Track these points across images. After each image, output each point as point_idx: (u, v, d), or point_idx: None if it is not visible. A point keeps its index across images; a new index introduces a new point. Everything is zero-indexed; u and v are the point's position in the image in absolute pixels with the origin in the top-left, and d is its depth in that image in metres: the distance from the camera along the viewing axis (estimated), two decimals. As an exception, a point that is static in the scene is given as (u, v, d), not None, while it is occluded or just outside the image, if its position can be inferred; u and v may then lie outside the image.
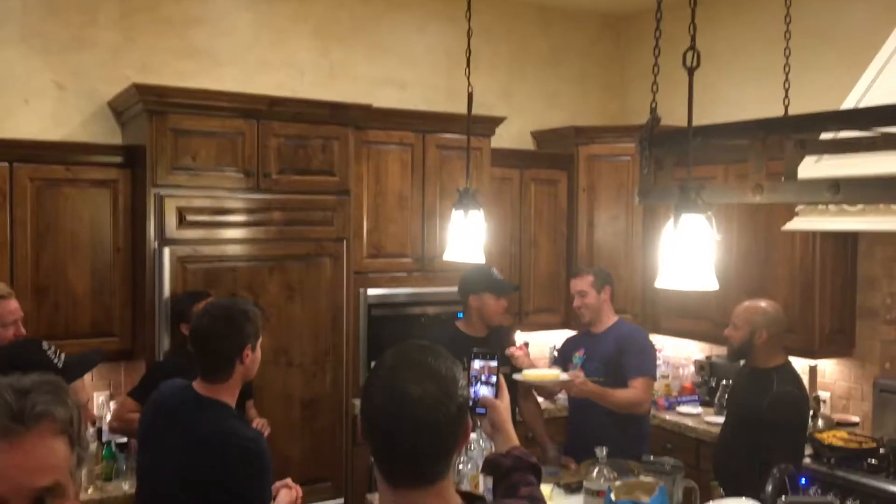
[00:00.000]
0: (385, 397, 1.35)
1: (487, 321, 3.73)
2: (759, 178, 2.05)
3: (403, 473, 1.38)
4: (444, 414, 1.34)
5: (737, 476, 3.14)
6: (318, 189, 4.08)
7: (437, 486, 1.39)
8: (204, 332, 2.46)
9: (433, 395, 1.34)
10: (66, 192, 3.75)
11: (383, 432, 1.36)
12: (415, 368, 1.37)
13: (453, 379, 1.38)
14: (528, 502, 1.59)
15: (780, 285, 4.22)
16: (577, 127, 5.16)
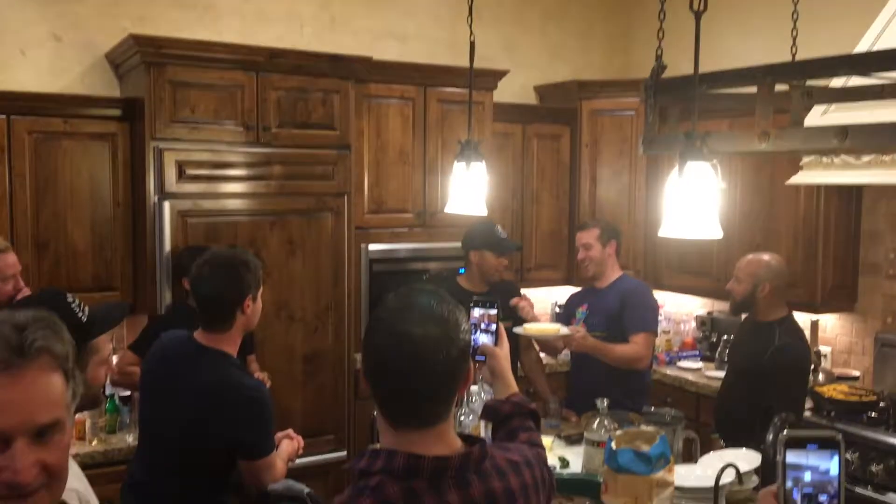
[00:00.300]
0: (387, 338, 1.35)
1: (486, 278, 3.74)
2: (765, 125, 2.02)
3: (404, 414, 1.38)
4: (446, 356, 1.34)
5: (738, 428, 3.15)
6: (318, 143, 4.04)
7: (437, 427, 1.39)
8: (204, 282, 2.45)
9: (435, 336, 1.34)
10: (64, 146, 3.72)
11: (384, 373, 1.37)
12: (417, 310, 1.37)
13: (456, 322, 1.38)
14: (527, 447, 1.59)
15: (783, 241, 4.21)
16: (580, 81, 5.10)
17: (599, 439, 2.80)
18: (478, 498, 1.37)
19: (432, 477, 1.34)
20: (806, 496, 0.87)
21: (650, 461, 2.25)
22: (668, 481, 2.28)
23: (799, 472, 0.88)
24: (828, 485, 0.87)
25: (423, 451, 1.35)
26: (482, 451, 1.42)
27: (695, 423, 3.91)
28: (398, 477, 1.33)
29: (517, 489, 1.44)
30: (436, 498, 1.33)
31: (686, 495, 2.44)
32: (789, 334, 3.23)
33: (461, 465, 1.37)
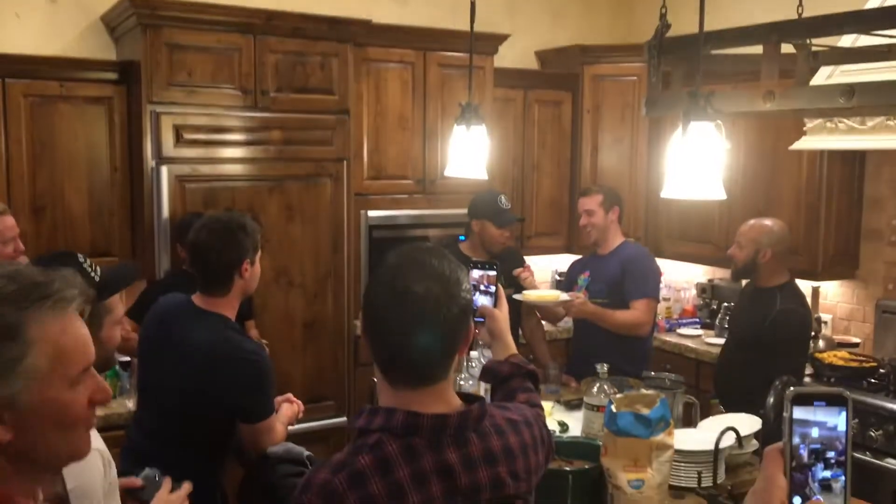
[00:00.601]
0: (387, 295, 1.34)
1: (487, 248, 3.72)
2: (770, 85, 1.99)
3: (403, 372, 1.37)
4: (447, 314, 1.33)
5: (738, 394, 3.16)
6: (317, 108, 4.00)
7: (437, 386, 1.38)
8: (202, 245, 2.43)
9: (436, 294, 1.33)
10: (60, 110, 3.68)
11: (384, 330, 1.35)
12: (418, 268, 1.35)
13: (457, 281, 1.37)
14: (527, 407, 1.58)
15: (785, 207, 4.18)
16: (582, 46, 5.03)
17: (599, 403, 2.80)
18: (476, 456, 1.37)
19: (431, 435, 1.33)
20: (813, 452, 0.86)
21: (650, 424, 2.24)
22: (668, 444, 2.28)
23: (806, 428, 0.86)
24: (835, 441, 0.86)
25: (421, 410, 1.35)
26: (481, 409, 1.41)
27: (694, 390, 3.91)
28: (397, 434, 1.32)
29: (516, 448, 1.43)
30: (434, 455, 1.33)
31: (685, 458, 2.44)
32: (791, 300, 3.21)
33: (460, 423, 1.36)
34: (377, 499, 1.27)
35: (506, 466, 1.40)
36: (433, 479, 1.31)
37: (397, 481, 1.29)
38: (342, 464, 1.30)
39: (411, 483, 1.29)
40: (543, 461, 1.54)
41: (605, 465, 2.29)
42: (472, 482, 1.35)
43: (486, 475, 1.37)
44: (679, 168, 2.00)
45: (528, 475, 1.46)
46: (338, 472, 1.29)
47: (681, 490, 2.42)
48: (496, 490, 1.38)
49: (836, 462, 0.86)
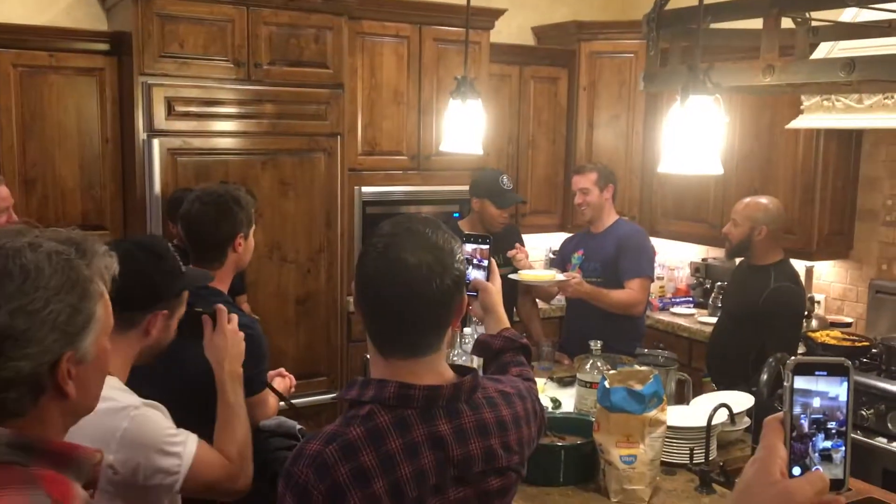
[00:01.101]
0: (380, 264, 1.32)
1: (486, 226, 3.71)
2: (770, 58, 1.96)
3: (395, 343, 1.36)
4: (439, 284, 1.32)
5: (731, 372, 3.17)
6: (310, 82, 3.96)
7: (428, 357, 1.37)
8: (195, 218, 2.40)
9: (429, 264, 1.31)
10: (51, 80, 3.64)
11: (377, 300, 1.34)
12: (412, 237, 1.33)
13: (451, 251, 1.36)
14: (520, 381, 1.57)
15: (780, 186, 4.17)
16: (579, 22, 4.99)
17: (592, 380, 2.80)
18: (469, 428, 1.36)
19: (423, 406, 1.33)
20: (814, 422, 0.84)
21: (643, 400, 2.24)
22: (661, 420, 2.28)
23: (807, 397, 0.84)
24: (836, 411, 0.85)
25: (413, 381, 1.33)
26: (474, 381, 1.40)
27: (687, 369, 3.91)
28: (389, 406, 1.31)
29: (509, 420, 1.43)
30: (426, 427, 1.32)
31: (678, 435, 2.44)
32: (785, 277, 3.21)
33: (452, 395, 1.36)
34: (368, 470, 1.26)
35: (498, 438, 1.39)
36: (425, 450, 1.30)
37: (389, 452, 1.28)
38: (334, 435, 1.29)
39: (403, 454, 1.28)
40: (536, 434, 1.53)
41: (597, 441, 2.29)
42: (465, 454, 1.34)
43: (479, 447, 1.36)
44: (677, 142, 1.98)
45: (521, 448, 1.45)
46: (329, 442, 1.28)
47: (672, 466, 2.43)
48: (488, 462, 1.37)
49: (836, 432, 0.85)
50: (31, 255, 1.01)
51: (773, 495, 0.83)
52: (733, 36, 2.78)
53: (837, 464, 0.85)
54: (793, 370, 0.85)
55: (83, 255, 1.07)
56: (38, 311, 1.00)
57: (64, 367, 1.03)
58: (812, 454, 0.85)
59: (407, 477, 1.28)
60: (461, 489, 1.35)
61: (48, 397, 1.03)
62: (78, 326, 1.04)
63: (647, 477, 2.24)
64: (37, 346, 1.00)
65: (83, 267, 1.06)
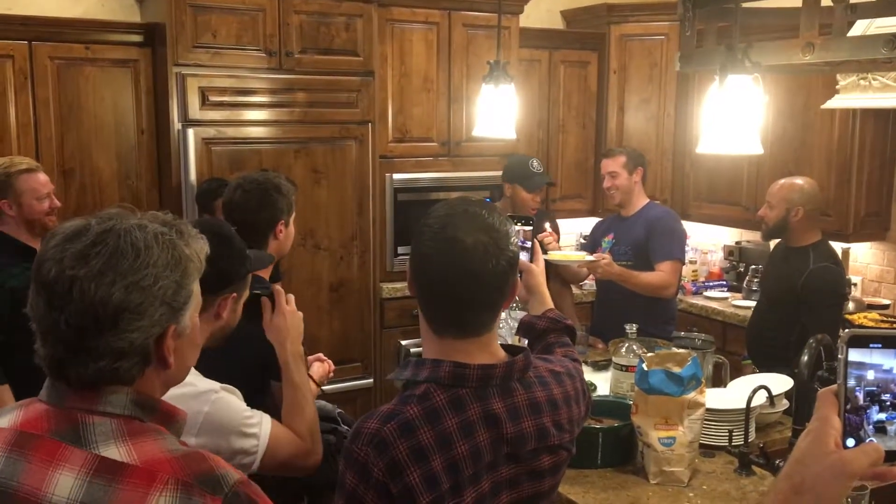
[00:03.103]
0: (437, 244, 1.34)
1: (517, 211, 3.71)
2: (810, 36, 1.94)
3: (450, 322, 1.38)
4: (494, 265, 1.33)
5: (771, 355, 3.15)
6: (341, 70, 3.98)
7: (482, 337, 1.39)
8: (236, 206, 2.42)
9: (485, 245, 1.33)
10: (87, 72, 3.69)
11: (432, 280, 1.36)
12: (469, 218, 1.35)
13: (506, 234, 1.37)
14: (568, 360, 1.58)
15: (815, 168, 4.11)
16: (609, 4, 4.94)
17: (628, 364, 2.80)
18: (522, 406, 1.37)
19: (478, 385, 1.34)
20: (868, 394, 0.84)
21: (682, 382, 2.24)
22: (700, 402, 2.27)
23: (862, 370, 0.84)
24: (891, 383, 0.84)
25: (467, 360, 1.35)
26: (526, 359, 1.41)
27: (722, 352, 3.89)
28: (444, 385, 1.33)
29: (560, 398, 1.44)
30: (481, 405, 1.34)
31: (716, 417, 2.43)
32: (824, 258, 3.18)
33: (506, 373, 1.37)
34: (427, 448, 1.28)
35: (550, 416, 1.41)
36: (480, 428, 1.32)
37: (446, 430, 1.29)
38: (391, 413, 1.31)
39: (459, 432, 1.30)
40: (584, 412, 1.54)
41: (635, 423, 2.29)
42: (518, 432, 1.36)
43: (532, 425, 1.38)
44: (716, 122, 1.97)
45: (572, 425, 1.46)
46: (387, 421, 1.30)
47: (711, 449, 2.42)
48: (541, 440, 1.39)
49: (891, 404, 0.85)
50: (140, 234, 1.08)
51: (828, 466, 0.83)
52: (769, 14, 2.74)
53: (892, 436, 0.85)
54: (847, 342, 0.85)
55: (181, 236, 1.13)
56: (149, 286, 1.06)
57: (169, 339, 1.10)
58: (866, 426, 0.85)
59: (464, 455, 1.30)
60: (513, 466, 1.37)
61: (152, 367, 1.11)
62: (181, 302, 1.11)
63: (686, 459, 2.24)
64: (147, 320, 1.07)
65: (183, 247, 1.12)
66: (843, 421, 0.85)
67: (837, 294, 3.20)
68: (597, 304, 4.04)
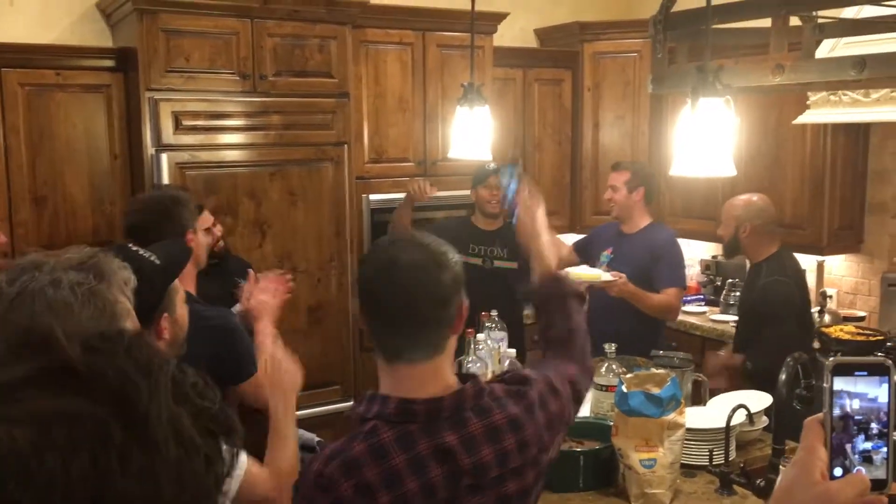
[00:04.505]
0: (378, 265, 1.38)
1: (482, 212, 3.84)
2: (780, 58, 1.96)
3: (397, 345, 1.37)
4: (436, 280, 1.35)
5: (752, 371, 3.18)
6: (316, 92, 3.96)
7: (433, 362, 1.38)
8: (141, 226, 2.36)
9: (423, 262, 1.36)
10: (58, 98, 3.65)
11: (376, 302, 1.37)
12: (406, 243, 1.41)
13: (444, 252, 1.39)
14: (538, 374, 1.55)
15: (789, 182, 4.16)
16: (581, 22, 4.98)
17: (608, 383, 2.79)
18: (478, 435, 1.35)
19: (426, 420, 1.33)
20: (854, 423, 0.84)
21: (661, 403, 2.24)
22: (679, 423, 2.27)
23: (847, 398, 0.84)
24: (877, 412, 0.84)
25: (416, 393, 1.34)
26: (476, 387, 1.40)
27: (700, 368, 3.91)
28: (392, 422, 1.32)
29: (521, 414, 1.42)
30: (431, 440, 1.32)
31: (697, 437, 2.44)
32: (774, 272, 3.25)
33: (455, 404, 1.36)
34: (373, 485, 1.27)
35: (514, 437, 1.39)
36: (432, 463, 1.30)
37: (393, 468, 1.28)
38: (336, 452, 1.31)
39: (408, 469, 1.29)
40: (557, 412, 1.49)
41: (616, 445, 2.29)
42: (477, 461, 1.34)
43: (491, 452, 1.36)
44: (688, 145, 1.98)
45: (540, 437, 1.44)
46: (331, 460, 1.30)
47: (692, 468, 2.42)
48: (502, 465, 1.37)
49: (877, 433, 0.84)
50: (55, 293, 1.02)
51: (814, 497, 0.82)
52: (741, 34, 2.78)
53: (878, 465, 0.84)
54: (832, 370, 0.85)
55: (102, 278, 1.08)
56: None
57: None
58: (852, 455, 0.85)
59: (414, 492, 1.28)
60: (479, 496, 1.35)
61: None
62: None
63: (667, 480, 2.24)
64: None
65: (105, 291, 1.07)
66: (828, 450, 0.85)
67: (788, 305, 3.22)
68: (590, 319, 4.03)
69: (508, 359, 2.94)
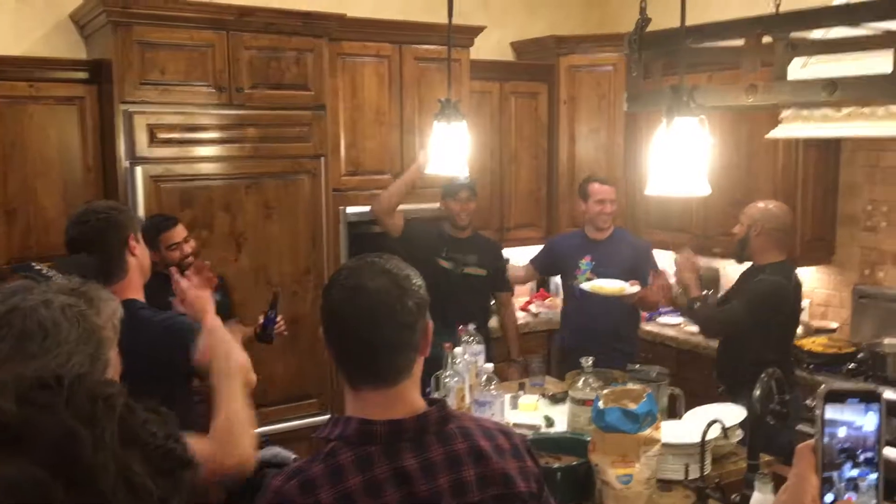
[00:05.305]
0: (342, 293, 1.36)
1: (453, 224, 3.98)
2: (752, 78, 1.99)
3: (362, 371, 1.37)
4: (401, 305, 1.34)
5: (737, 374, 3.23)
6: (292, 104, 3.95)
7: (399, 386, 1.37)
8: (82, 238, 2.32)
9: (388, 287, 1.35)
10: (30, 110, 3.61)
11: (341, 328, 1.36)
12: (370, 266, 1.39)
13: (407, 276, 1.39)
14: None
15: (762, 195, 4.17)
16: (557, 36, 5.02)
17: (584, 397, 2.81)
18: (438, 461, 1.34)
19: (387, 442, 1.32)
20: (843, 450, 0.85)
21: (637, 419, 2.25)
22: (656, 439, 2.29)
23: (837, 426, 0.85)
24: (866, 439, 0.85)
25: (379, 414, 1.34)
26: (441, 411, 1.39)
27: (675, 378, 3.93)
28: (352, 443, 1.32)
29: (488, 449, 1.39)
30: (391, 463, 1.31)
31: (672, 451, 2.45)
32: (776, 273, 3.29)
33: (418, 427, 1.35)
34: None
35: (473, 469, 1.36)
36: (388, 487, 1.29)
37: (348, 490, 1.28)
38: (297, 470, 1.32)
39: (363, 491, 1.28)
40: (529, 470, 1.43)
41: (593, 461, 2.30)
42: (433, 489, 1.32)
43: (447, 481, 1.33)
44: (663, 164, 2.00)
45: (507, 479, 1.38)
46: (291, 478, 1.30)
47: (668, 483, 2.44)
48: (459, 496, 1.34)
49: (865, 461, 0.85)
50: (47, 312, 1.04)
51: None
52: (711, 51, 2.81)
53: (864, 491, 0.85)
54: (824, 398, 0.86)
55: (91, 305, 1.09)
56: (61, 365, 1.03)
57: None
58: (840, 483, 0.86)
59: None
60: None
61: None
62: (98, 373, 1.07)
63: (643, 496, 2.25)
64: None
65: (94, 316, 1.08)
66: (820, 478, 0.86)
67: (771, 303, 3.27)
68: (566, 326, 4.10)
69: (485, 373, 2.94)
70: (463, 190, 3.96)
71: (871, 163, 4.13)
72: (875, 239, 4.13)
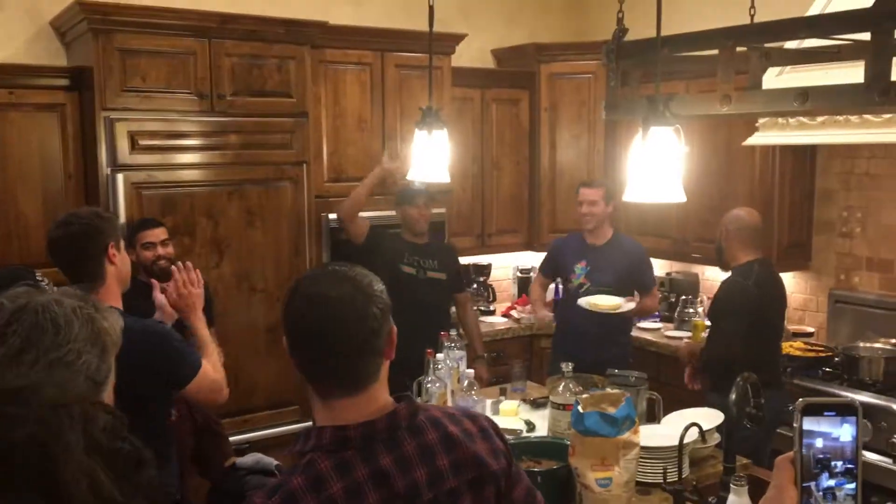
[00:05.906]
0: (302, 302, 1.36)
1: (410, 230, 4.00)
2: (727, 88, 2.03)
3: (329, 381, 1.36)
4: (364, 310, 1.34)
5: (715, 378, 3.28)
6: (274, 111, 3.97)
7: (369, 390, 1.37)
8: (63, 242, 2.33)
9: (350, 294, 1.35)
10: (10, 118, 3.60)
11: (304, 338, 1.35)
12: (331, 274, 1.40)
13: (369, 283, 1.39)
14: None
15: (739, 201, 4.24)
16: (538, 44, 5.07)
17: (564, 402, 2.84)
18: (412, 454, 1.35)
19: (362, 445, 1.33)
20: (819, 462, 0.87)
21: (616, 423, 2.28)
22: (634, 442, 2.31)
23: (815, 437, 0.88)
24: (843, 450, 0.87)
25: (352, 419, 1.34)
26: (410, 406, 1.40)
27: (655, 383, 3.97)
28: (329, 451, 1.32)
29: (457, 434, 1.41)
30: (369, 465, 1.32)
31: (651, 455, 2.48)
32: (737, 275, 3.38)
33: (389, 425, 1.36)
34: None
35: (446, 456, 1.38)
36: (369, 489, 1.31)
37: (330, 497, 1.28)
38: (276, 486, 1.31)
39: (345, 497, 1.29)
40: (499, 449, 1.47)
41: (573, 465, 2.32)
42: (410, 483, 1.34)
43: (423, 473, 1.35)
44: (640, 172, 2.03)
45: (479, 462, 1.41)
46: (272, 495, 1.29)
47: (647, 486, 2.47)
48: (436, 487, 1.36)
49: (842, 471, 0.87)
50: (59, 309, 1.06)
51: None
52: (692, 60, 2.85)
53: (842, 501, 0.87)
54: (801, 411, 0.88)
55: (98, 310, 1.11)
56: (73, 361, 1.04)
57: None
58: (816, 493, 0.88)
59: None
60: None
61: None
62: (102, 377, 1.09)
63: (623, 499, 2.28)
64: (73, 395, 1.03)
65: (101, 321, 1.11)
66: (799, 489, 0.87)
67: (738, 304, 3.33)
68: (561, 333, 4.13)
69: (467, 379, 2.97)
70: (420, 196, 3.97)
71: (846, 169, 4.19)
72: (850, 244, 4.20)
